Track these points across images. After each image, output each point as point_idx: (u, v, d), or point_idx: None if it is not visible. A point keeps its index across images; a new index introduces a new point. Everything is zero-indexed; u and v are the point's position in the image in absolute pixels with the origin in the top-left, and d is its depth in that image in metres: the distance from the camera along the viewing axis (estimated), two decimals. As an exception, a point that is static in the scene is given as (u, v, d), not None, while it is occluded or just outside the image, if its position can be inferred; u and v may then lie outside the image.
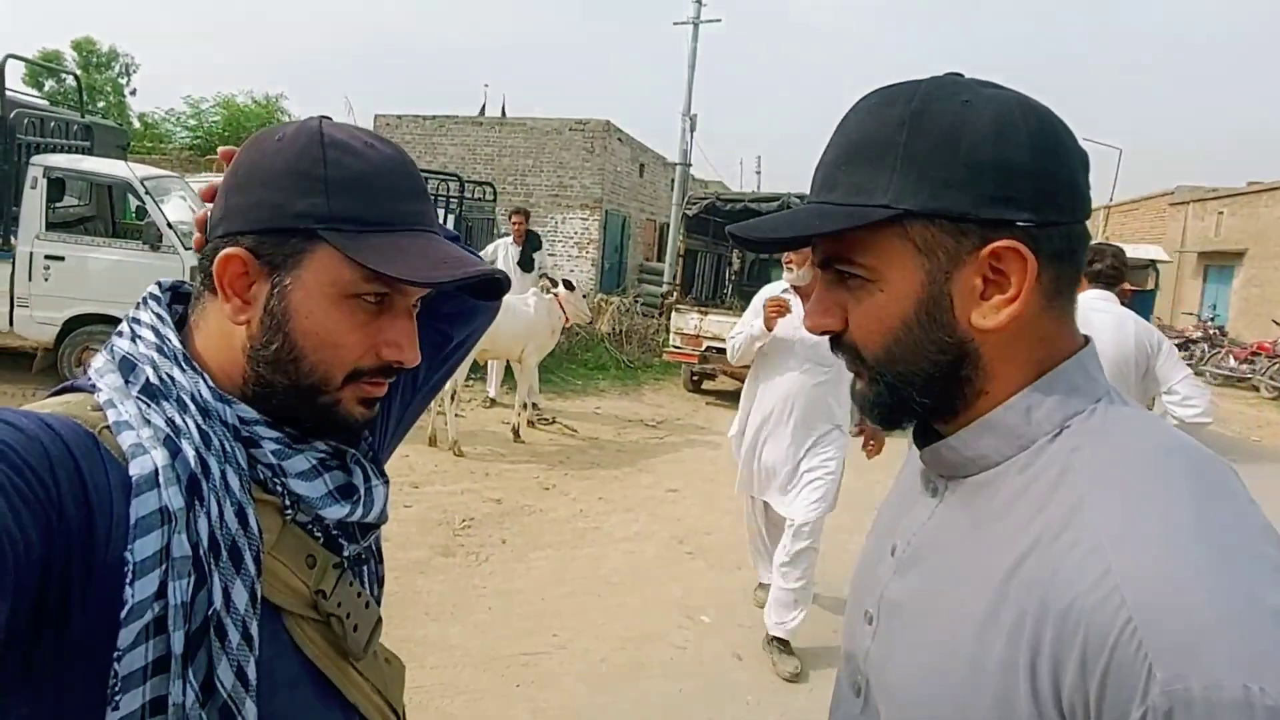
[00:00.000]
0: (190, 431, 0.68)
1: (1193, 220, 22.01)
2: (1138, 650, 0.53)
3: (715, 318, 9.29)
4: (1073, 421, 0.68)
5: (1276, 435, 10.55)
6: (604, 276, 16.33)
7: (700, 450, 7.42)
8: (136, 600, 0.61)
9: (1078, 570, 0.59)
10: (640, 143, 18.11)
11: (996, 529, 0.67)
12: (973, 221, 0.66)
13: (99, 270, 6.55)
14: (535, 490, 5.79)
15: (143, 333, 0.75)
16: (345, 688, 0.79)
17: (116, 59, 30.37)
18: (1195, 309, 20.40)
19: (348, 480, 0.79)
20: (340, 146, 0.73)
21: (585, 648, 3.62)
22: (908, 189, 0.67)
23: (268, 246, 0.73)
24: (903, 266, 0.68)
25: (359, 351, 0.75)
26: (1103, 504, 0.61)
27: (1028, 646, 0.60)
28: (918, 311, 0.69)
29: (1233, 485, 0.62)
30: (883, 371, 0.71)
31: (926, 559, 0.74)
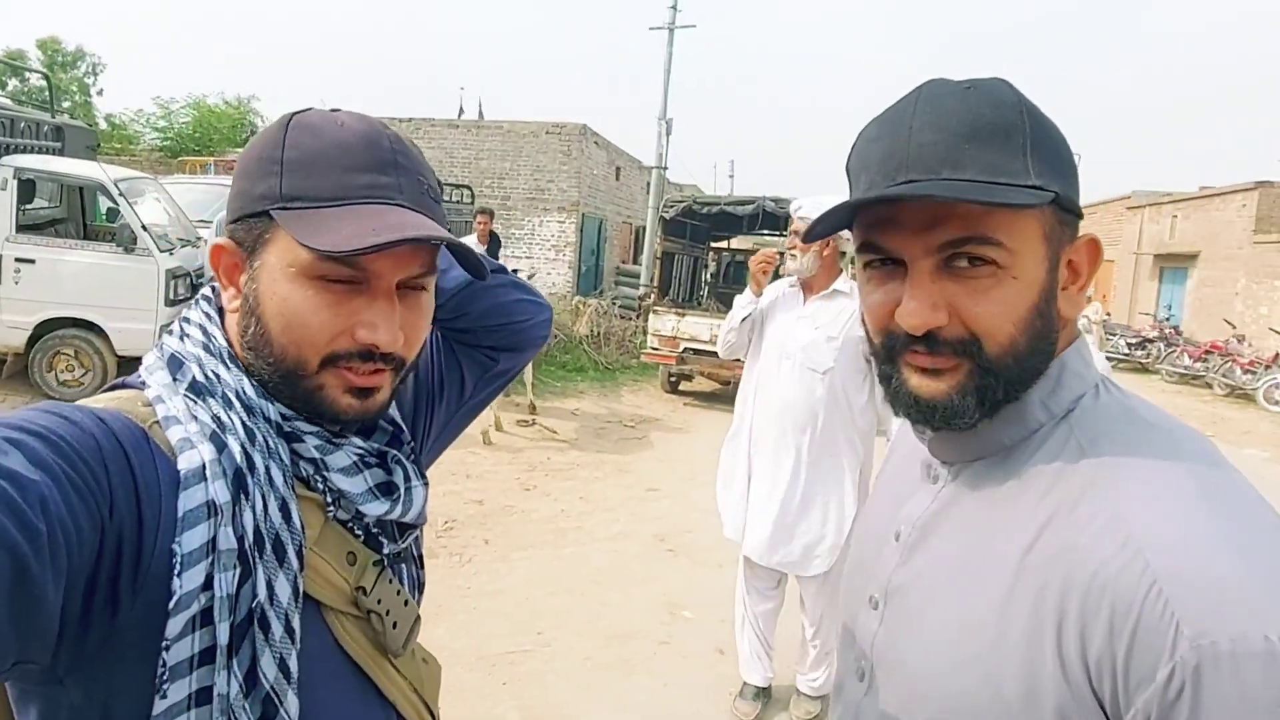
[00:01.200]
0: (235, 427, 0.69)
1: (1148, 224, 22.51)
2: (1164, 610, 0.56)
3: (692, 319, 9.35)
4: (1079, 403, 0.71)
5: (1230, 431, 10.80)
6: (581, 279, 16.34)
7: (679, 450, 7.46)
8: (184, 591, 0.63)
9: (1098, 540, 0.61)
10: (616, 146, 18.17)
11: (1010, 508, 0.69)
12: (1073, 213, 0.70)
13: (71, 273, 6.46)
14: (516, 491, 5.79)
15: (191, 331, 0.77)
16: (383, 684, 0.79)
17: (83, 58, 29.91)
18: (1151, 309, 20.90)
19: (388, 479, 0.80)
20: (305, 128, 0.73)
21: (570, 645, 3.64)
22: (1046, 174, 0.67)
23: (241, 233, 0.74)
24: (1035, 253, 0.68)
25: (329, 333, 0.72)
26: (1117, 477, 0.64)
27: (1053, 616, 0.62)
28: (1040, 301, 0.68)
29: (1221, 456, 0.66)
30: (1004, 366, 0.68)
31: (935, 541, 0.75)
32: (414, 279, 0.76)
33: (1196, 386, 14.94)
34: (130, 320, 6.44)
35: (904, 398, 0.72)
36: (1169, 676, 0.54)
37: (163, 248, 6.58)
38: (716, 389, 10.40)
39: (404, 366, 0.78)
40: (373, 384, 0.75)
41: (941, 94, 0.69)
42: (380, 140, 0.74)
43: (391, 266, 0.73)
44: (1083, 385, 0.72)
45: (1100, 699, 0.59)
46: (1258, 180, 17.57)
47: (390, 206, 0.72)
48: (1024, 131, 0.67)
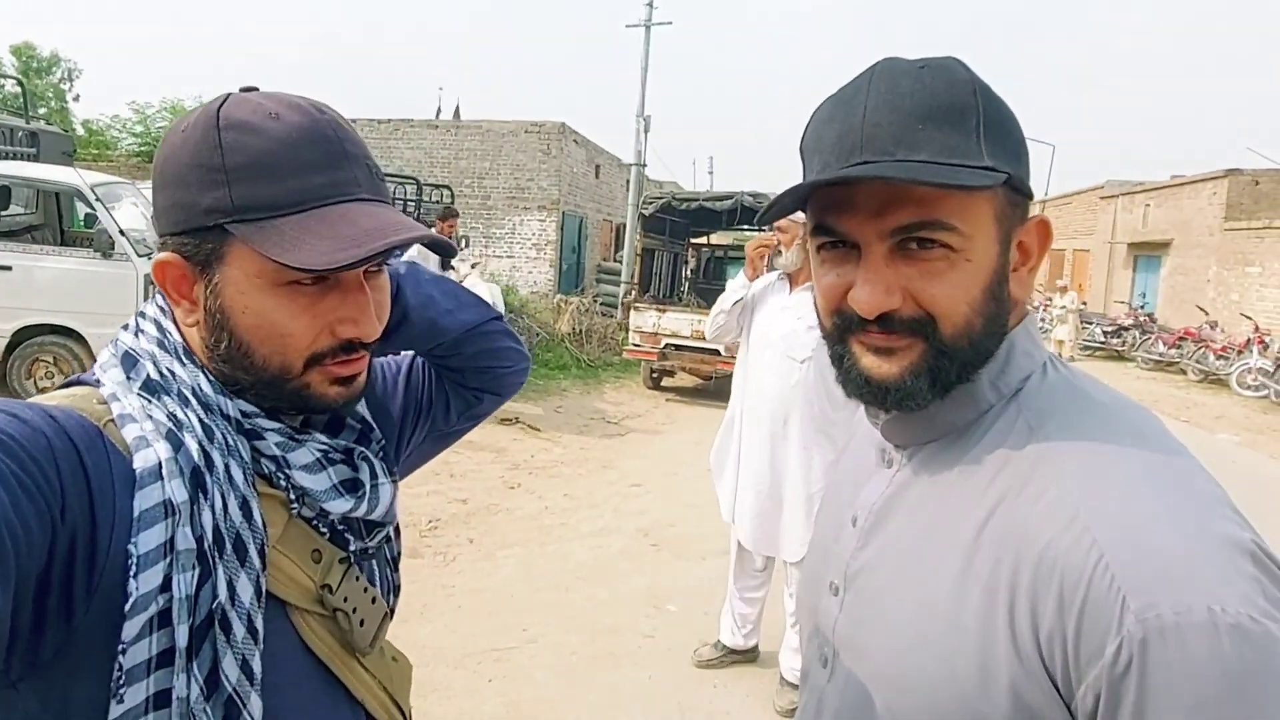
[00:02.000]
0: (193, 425, 0.68)
1: (1122, 213, 22.80)
2: (1110, 584, 0.56)
3: (673, 315, 9.40)
4: (1027, 383, 0.72)
5: (1204, 416, 11.00)
6: (562, 277, 16.35)
7: (661, 446, 7.51)
8: (141, 593, 0.61)
9: (1047, 518, 0.62)
10: (595, 144, 18.17)
11: (962, 488, 0.70)
12: (1022, 194, 0.70)
13: (48, 279, 6.42)
14: (501, 489, 5.82)
15: (146, 327, 0.75)
16: (351, 683, 0.78)
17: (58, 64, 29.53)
18: (1126, 297, 21.14)
19: (353, 475, 0.78)
20: (238, 127, 0.69)
21: (556, 641, 3.67)
22: (999, 155, 0.66)
23: (190, 248, 0.71)
24: (987, 235, 0.68)
25: (310, 336, 0.72)
26: (1064, 455, 0.65)
27: (1005, 593, 0.62)
28: (992, 282, 0.68)
29: (1166, 432, 0.68)
30: (959, 348, 0.68)
31: (890, 525, 0.75)
32: (377, 263, 0.76)
33: (1171, 373, 15.18)
34: (109, 325, 6.39)
35: (855, 378, 0.72)
36: (1117, 651, 0.55)
37: (141, 252, 6.54)
38: (698, 384, 10.47)
39: (374, 346, 0.78)
40: (355, 370, 0.76)
41: (895, 73, 0.68)
42: (324, 130, 0.71)
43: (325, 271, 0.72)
44: (1031, 364, 0.72)
45: (1052, 675, 0.59)
46: (1227, 168, 17.83)
47: (353, 203, 0.71)
48: (977, 111, 0.66)
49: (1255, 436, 9.76)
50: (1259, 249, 15.97)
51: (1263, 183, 17.55)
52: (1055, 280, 20.67)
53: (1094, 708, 0.57)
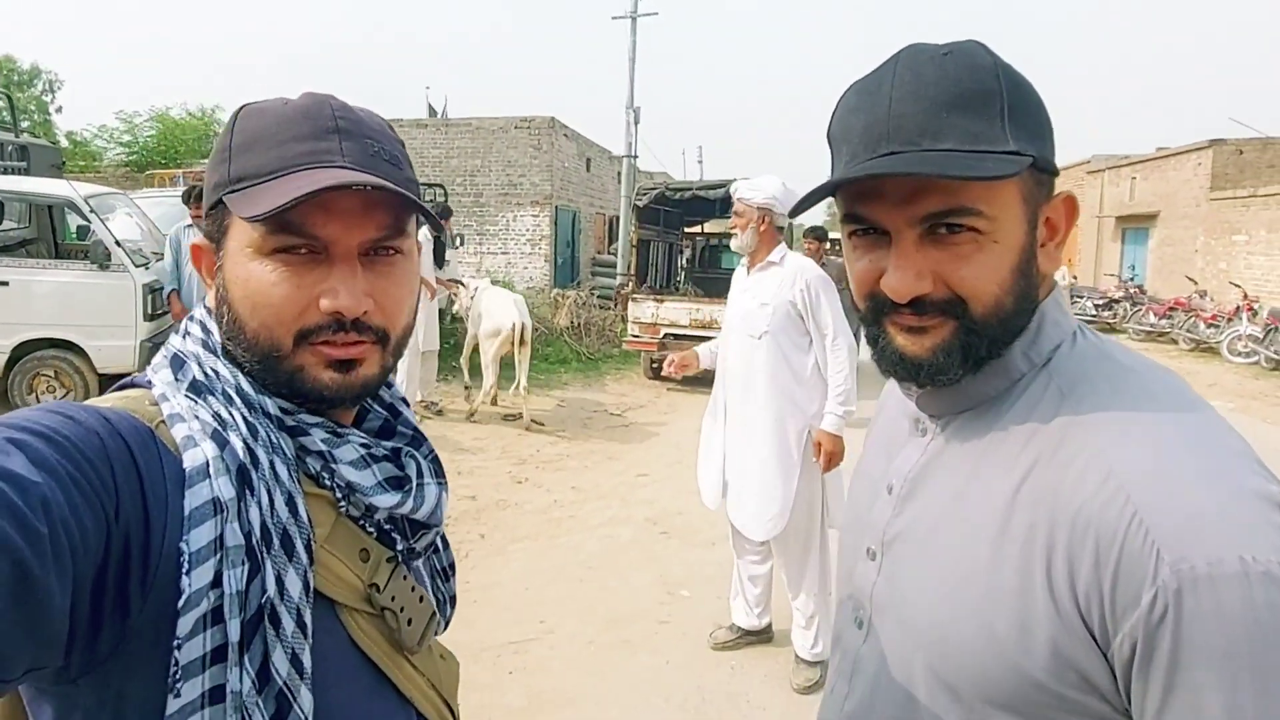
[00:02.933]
0: (237, 424, 0.69)
1: (1109, 186, 22.88)
2: (1145, 539, 0.59)
3: (671, 305, 9.43)
4: (1056, 352, 0.74)
5: (1196, 384, 10.91)
6: (558, 271, 16.36)
7: (665, 434, 7.56)
8: (194, 589, 0.62)
9: (1081, 478, 0.64)
10: (586, 137, 18.15)
11: (996, 454, 0.72)
12: (1048, 172, 0.72)
13: (46, 293, 6.41)
14: (508, 485, 5.86)
15: (192, 329, 0.77)
16: (400, 681, 0.78)
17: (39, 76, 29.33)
18: (1116, 270, 21.25)
19: (399, 474, 0.79)
20: (253, 114, 0.74)
21: (572, 631, 3.71)
22: (1024, 138, 0.68)
23: (210, 227, 0.76)
24: (1015, 217, 0.70)
25: (296, 307, 0.71)
26: (1095, 419, 0.67)
27: (1042, 553, 0.65)
28: (1021, 261, 0.71)
29: (1193, 393, 0.70)
30: (989, 326, 0.71)
31: (926, 492, 0.78)
32: (378, 243, 0.74)
33: (1163, 343, 15.26)
34: (109, 337, 6.41)
35: (890, 356, 0.75)
36: (1152, 601, 0.58)
37: (137, 262, 6.55)
38: (700, 373, 10.50)
39: (389, 338, 0.76)
40: (352, 355, 0.74)
41: (920, 60, 0.70)
42: (322, 109, 0.74)
43: (344, 231, 0.72)
44: (1060, 334, 0.75)
45: (1090, 627, 0.62)
46: (1211, 139, 17.91)
47: (328, 169, 0.71)
48: (1001, 96, 0.68)
49: (1249, 402, 9.85)
50: (1245, 217, 16.07)
51: (1246, 152, 17.65)
52: (1046, 255, 20.68)
53: (1130, 655, 0.60)
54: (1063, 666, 0.63)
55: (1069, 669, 0.63)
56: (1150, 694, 0.59)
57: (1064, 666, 0.63)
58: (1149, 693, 0.59)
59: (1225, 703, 0.56)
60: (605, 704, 3.17)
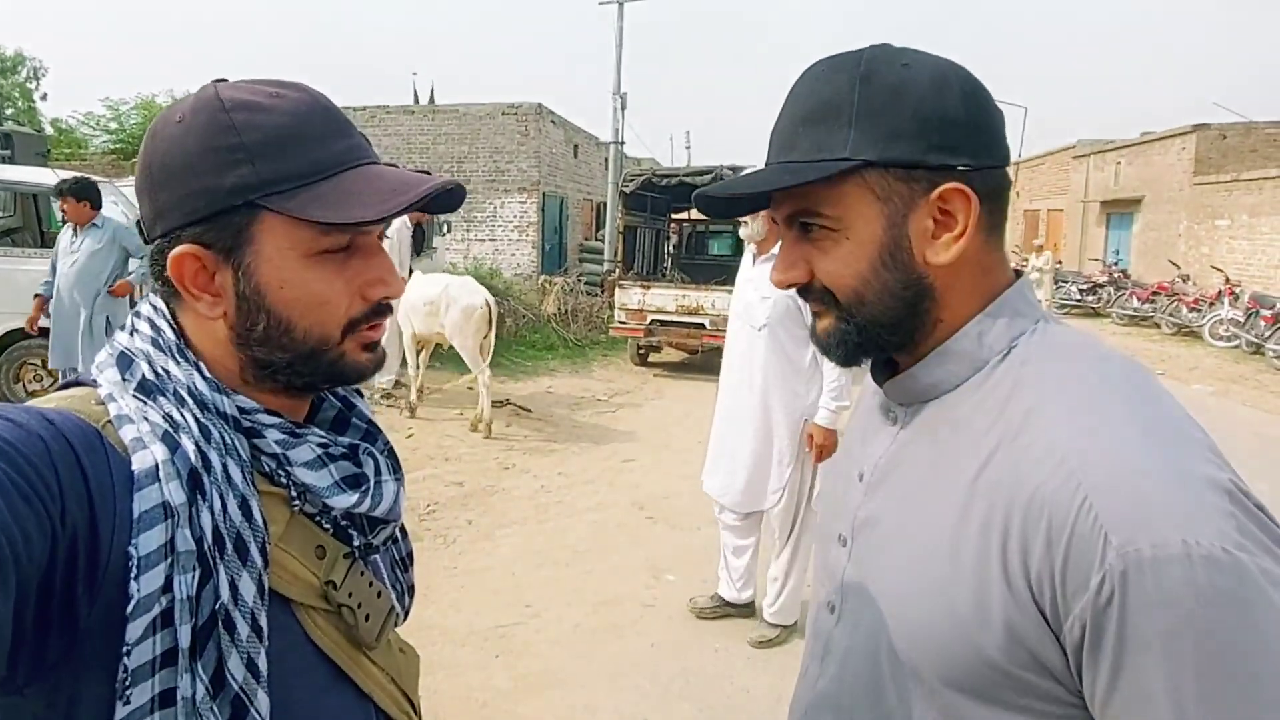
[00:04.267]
0: (189, 426, 0.67)
1: (1094, 171, 22.89)
2: (1094, 523, 0.60)
3: (658, 291, 9.47)
4: (1019, 341, 0.76)
5: (1179, 368, 11.23)
6: (545, 258, 16.34)
7: (651, 420, 7.61)
8: (143, 594, 0.61)
9: (1037, 464, 0.66)
10: (573, 124, 18.08)
11: (959, 441, 0.74)
12: (922, 168, 0.74)
13: (31, 282, 6.32)
14: (495, 471, 5.90)
15: (140, 326, 0.74)
16: (359, 677, 0.78)
17: (23, 63, 28.88)
18: (1100, 255, 21.33)
19: (356, 471, 0.78)
20: (245, 107, 0.70)
21: (558, 615, 3.76)
22: (864, 142, 0.73)
23: (213, 234, 0.71)
24: (864, 214, 0.74)
25: (346, 302, 0.74)
26: (1053, 406, 0.69)
27: (998, 536, 0.66)
28: (881, 255, 0.75)
29: (1154, 382, 0.71)
30: (853, 313, 0.77)
31: (894, 479, 0.80)
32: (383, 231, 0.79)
33: (1146, 327, 15.42)
34: (95, 327, 6.38)
35: (816, 336, 0.83)
36: (1100, 583, 0.59)
37: (124, 252, 6.51)
38: (685, 358, 10.55)
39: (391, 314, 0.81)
40: (380, 336, 0.79)
41: (805, 77, 0.77)
42: (323, 103, 0.75)
43: (379, 224, 0.74)
44: (1024, 323, 0.76)
45: (1042, 610, 0.63)
46: (1195, 123, 17.96)
47: (371, 165, 0.74)
48: (852, 104, 0.73)
49: (1229, 386, 9.98)
50: (1228, 202, 16.16)
51: (1230, 137, 17.71)
52: (1031, 240, 20.83)
53: (1080, 637, 0.61)
54: (1017, 648, 0.65)
55: (1023, 650, 0.65)
56: (1100, 675, 0.61)
57: (1018, 648, 0.65)
58: (1098, 674, 0.61)
59: (1167, 684, 0.58)
60: (591, 686, 3.22)
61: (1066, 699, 0.65)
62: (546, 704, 3.09)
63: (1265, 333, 11.78)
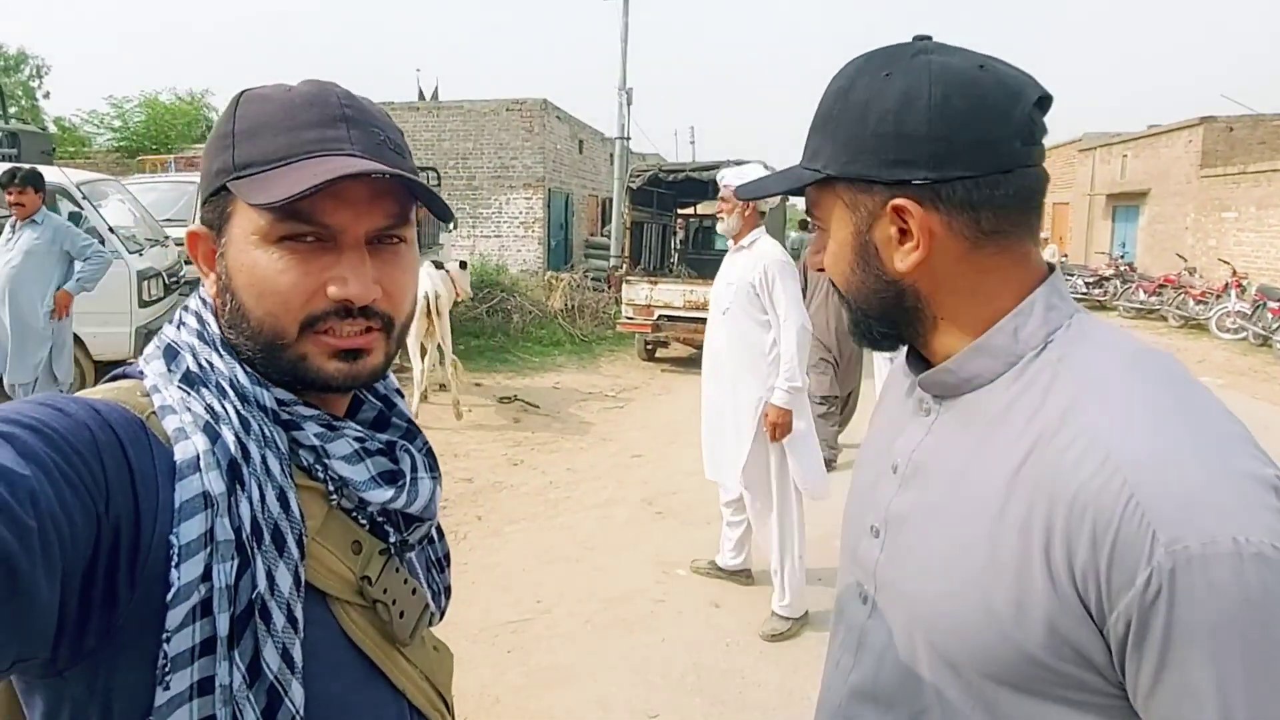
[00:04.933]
0: (229, 417, 0.69)
1: (1100, 165, 22.75)
2: (1141, 521, 0.60)
3: (665, 286, 9.45)
4: (1055, 335, 0.75)
5: (1186, 361, 10.93)
6: (551, 254, 16.34)
7: (659, 415, 7.61)
8: (183, 582, 0.62)
9: (1079, 462, 0.65)
10: (578, 119, 18.07)
11: (996, 437, 0.73)
12: (878, 183, 0.77)
13: (40, 280, 6.39)
14: (504, 467, 5.90)
15: (187, 319, 0.76)
16: (392, 673, 0.78)
17: (26, 61, 28.96)
18: (1106, 248, 21.17)
19: (393, 468, 0.78)
20: (255, 99, 0.74)
21: (569, 610, 3.76)
22: (833, 156, 0.79)
23: (210, 215, 0.75)
24: (839, 220, 0.81)
25: (302, 294, 0.71)
26: (1093, 402, 0.68)
27: (1040, 534, 0.66)
28: (854, 258, 0.81)
29: (1190, 377, 0.71)
30: (849, 303, 0.84)
31: (929, 472, 0.80)
32: (385, 231, 0.74)
33: (1152, 320, 15.35)
34: (104, 325, 6.39)
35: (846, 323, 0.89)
36: (1147, 580, 0.59)
37: (131, 249, 6.53)
38: (693, 353, 10.54)
39: (394, 326, 0.77)
40: (359, 345, 0.74)
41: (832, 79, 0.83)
42: (328, 96, 0.74)
43: (353, 219, 0.72)
44: (1059, 318, 0.76)
45: (1087, 606, 0.64)
46: (1202, 116, 17.86)
47: (338, 156, 0.71)
48: (832, 117, 0.79)
49: (1237, 378, 9.95)
50: (1235, 194, 16.08)
51: (1237, 129, 17.62)
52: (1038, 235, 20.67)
53: (1125, 633, 0.62)
54: (1059, 643, 0.66)
55: (1065, 645, 0.66)
56: (1144, 670, 0.61)
57: (1060, 643, 0.66)
58: (1143, 669, 0.61)
59: (1215, 679, 0.58)
60: (602, 681, 3.22)
61: (1106, 689, 0.66)
62: (559, 699, 3.10)
63: (1272, 325, 11.75)
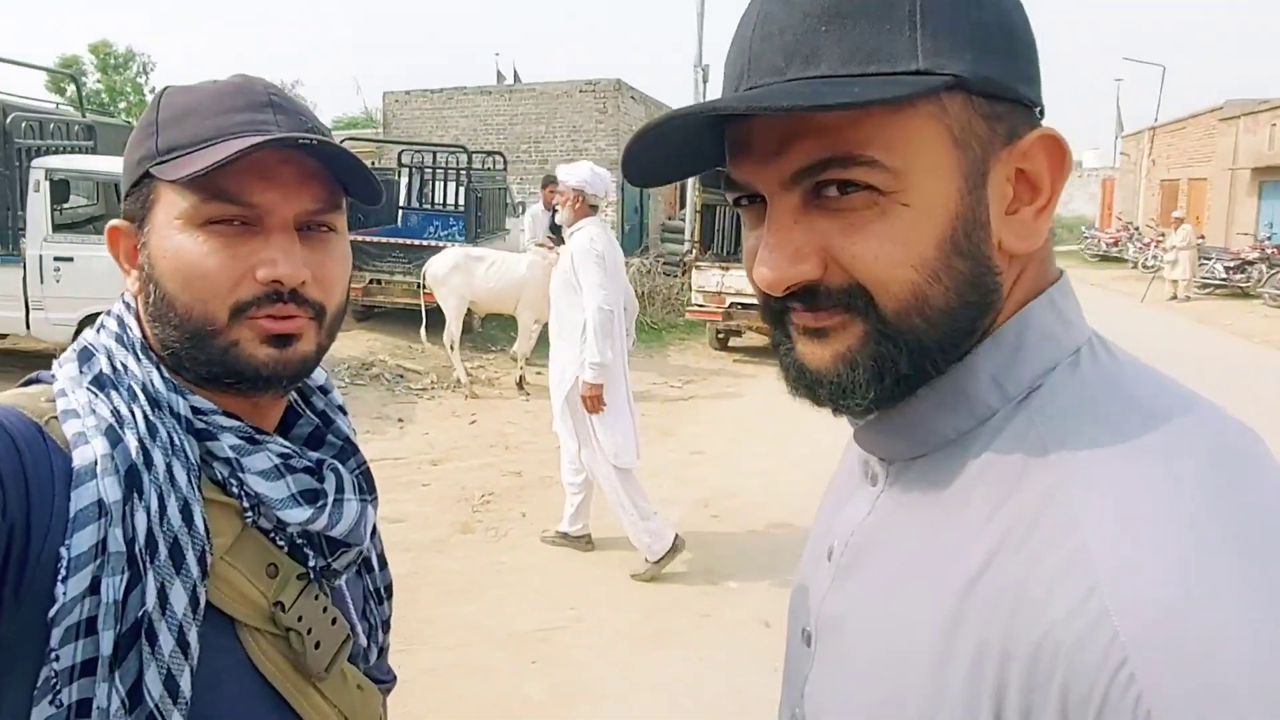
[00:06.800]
0: (135, 421, 0.67)
1: (1244, 135, 20.74)
2: (1137, 703, 0.40)
3: (737, 273, 9.05)
4: (1045, 380, 0.53)
5: None
6: (625, 238, 16.11)
7: (725, 410, 7.29)
8: (68, 598, 0.60)
9: (1054, 586, 0.44)
10: (654, 99, 17.74)
11: (953, 523, 0.52)
12: (1008, 102, 0.51)
13: (109, 268, 6.45)
14: (555, 461, 5.64)
15: (108, 322, 0.75)
16: (303, 709, 0.74)
17: (134, 59, 30.75)
18: (1251, 229, 19.33)
19: (316, 487, 0.74)
20: (180, 90, 0.75)
21: (603, 620, 3.54)
22: (945, 50, 0.49)
23: (130, 206, 0.74)
24: (936, 166, 0.50)
25: (230, 279, 0.70)
26: (1087, 493, 0.46)
27: (991, 688, 0.46)
28: (955, 233, 0.51)
29: (1253, 455, 0.47)
30: (908, 328, 0.52)
31: (869, 564, 0.60)
32: (314, 215, 0.73)
33: (1301, 310, 13.96)
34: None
35: (791, 369, 0.57)
36: None
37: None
38: (768, 343, 10.15)
39: (324, 314, 0.75)
40: (289, 330, 0.72)
41: None
42: (254, 85, 0.75)
43: (281, 200, 0.70)
44: (1055, 353, 0.54)
45: None
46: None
47: (260, 135, 0.69)
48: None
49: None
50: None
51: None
52: (1169, 213, 19.19)
53: None
54: None
55: None
56: None
57: None
58: None
59: None
60: (629, 702, 2.97)
61: None
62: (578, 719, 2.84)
63: None
